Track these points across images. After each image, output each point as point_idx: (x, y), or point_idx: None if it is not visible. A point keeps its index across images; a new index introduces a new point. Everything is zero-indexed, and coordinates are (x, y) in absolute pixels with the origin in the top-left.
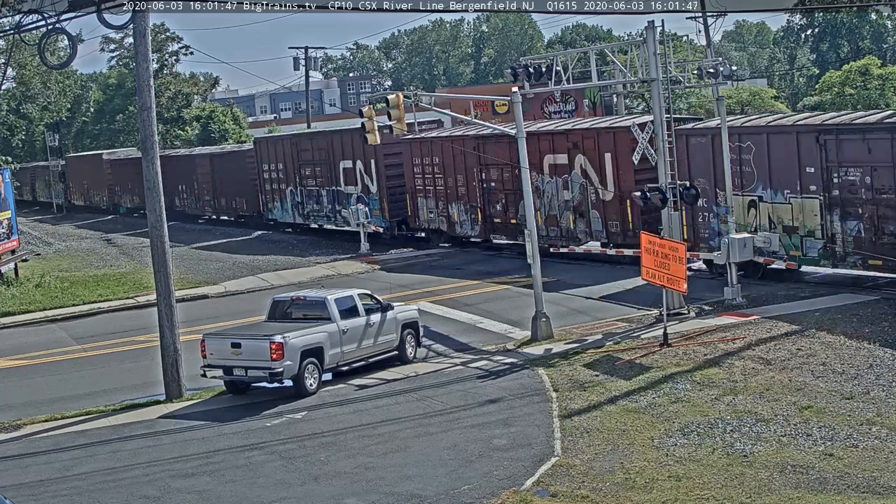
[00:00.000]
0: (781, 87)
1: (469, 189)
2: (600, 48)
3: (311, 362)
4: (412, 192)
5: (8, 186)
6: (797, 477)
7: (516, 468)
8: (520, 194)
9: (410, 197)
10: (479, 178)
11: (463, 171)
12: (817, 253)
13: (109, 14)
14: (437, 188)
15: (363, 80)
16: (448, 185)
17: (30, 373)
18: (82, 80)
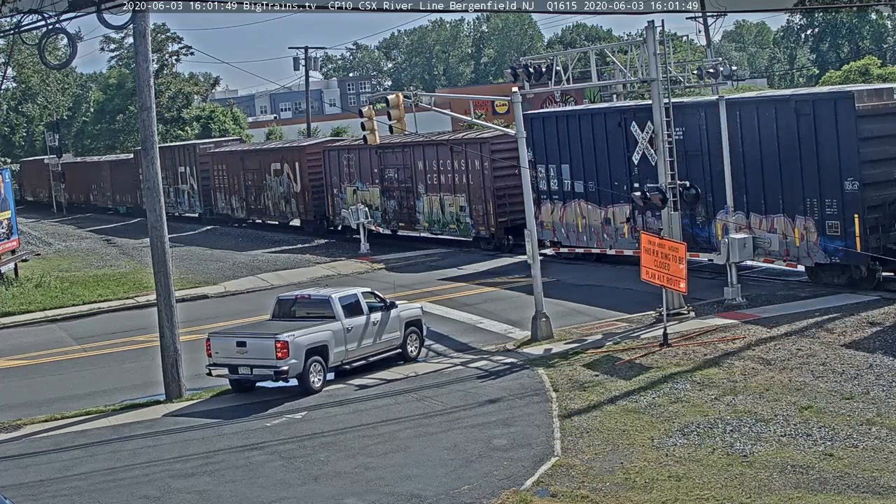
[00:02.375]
0: (781, 87)
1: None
2: (600, 48)
3: (316, 360)
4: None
5: (8, 186)
6: (797, 477)
7: (516, 468)
8: (414, 192)
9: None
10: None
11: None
12: (379, 220)
13: (109, 14)
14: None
15: (363, 80)
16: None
17: (30, 373)
18: (82, 80)
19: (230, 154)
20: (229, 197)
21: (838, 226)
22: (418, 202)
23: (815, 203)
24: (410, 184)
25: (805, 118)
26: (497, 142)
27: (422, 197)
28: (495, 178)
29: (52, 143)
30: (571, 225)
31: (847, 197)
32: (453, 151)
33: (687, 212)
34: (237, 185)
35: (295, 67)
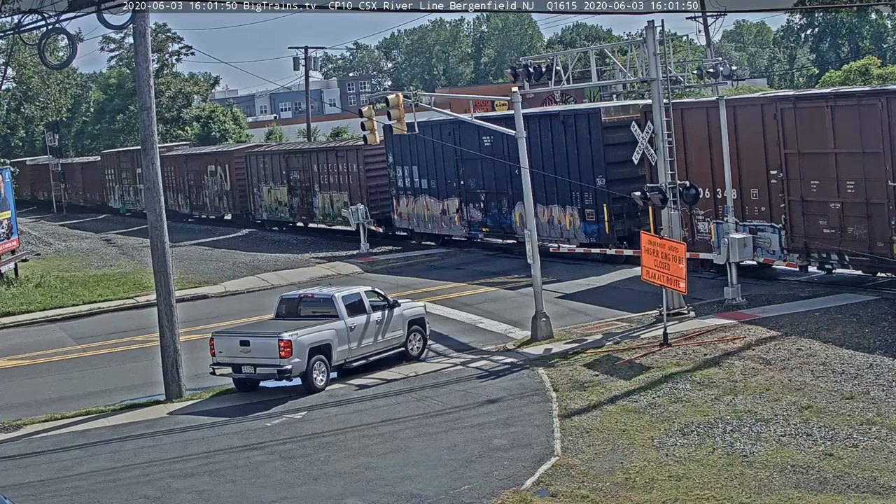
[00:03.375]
0: (781, 86)
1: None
2: (600, 48)
3: (320, 359)
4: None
5: (8, 186)
6: (797, 477)
7: (516, 468)
8: (312, 191)
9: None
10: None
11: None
12: (287, 214)
13: (109, 14)
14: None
15: (363, 80)
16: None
17: (30, 373)
18: (82, 80)
19: (177, 157)
20: (176, 195)
21: (593, 214)
22: (314, 199)
23: (577, 196)
24: (309, 183)
25: (570, 129)
26: (369, 149)
27: (317, 194)
28: (368, 178)
29: (52, 143)
30: (421, 215)
31: (598, 191)
32: (338, 157)
33: (494, 203)
34: (182, 184)
35: (295, 67)
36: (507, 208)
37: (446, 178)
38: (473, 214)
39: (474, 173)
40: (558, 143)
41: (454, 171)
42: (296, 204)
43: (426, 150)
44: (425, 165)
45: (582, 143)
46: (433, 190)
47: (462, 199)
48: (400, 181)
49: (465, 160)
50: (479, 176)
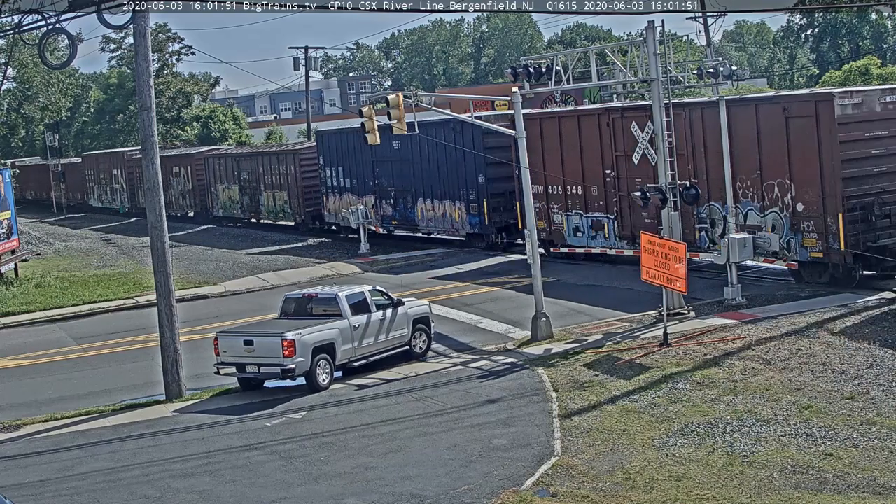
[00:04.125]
0: (781, 86)
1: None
2: (600, 48)
3: (323, 358)
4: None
5: (8, 186)
6: (797, 477)
7: (516, 468)
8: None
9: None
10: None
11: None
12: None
13: (109, 14)
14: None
15: (363, 80)
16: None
17: (30, 373)
18: (82, 80)
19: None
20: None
21: (477, 207)
22: (261, 197)
23: (464, 192)
24: (256, 184)
25: (458, 135)
26: (304, 153)
27: (263, 193)
28: (303, 179)
29: (52, 143)
30: (355, 214)
31: (480, 188)
32: (279, 159)
33: (402, 200)
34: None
35: (295, 67)
36: (412, 204)
37: (364, 177)
38: (385, 209)
39: (386, 173)
40: (450, 147)
41: (371, 172)
42: (245, 202)
43: (349, 153)
44: (349, 167)
45: (467, 147)
46: (355, 188)
47: (376, 196)
48: (328, 181)
49: (378, 162)
50: (390, 176)
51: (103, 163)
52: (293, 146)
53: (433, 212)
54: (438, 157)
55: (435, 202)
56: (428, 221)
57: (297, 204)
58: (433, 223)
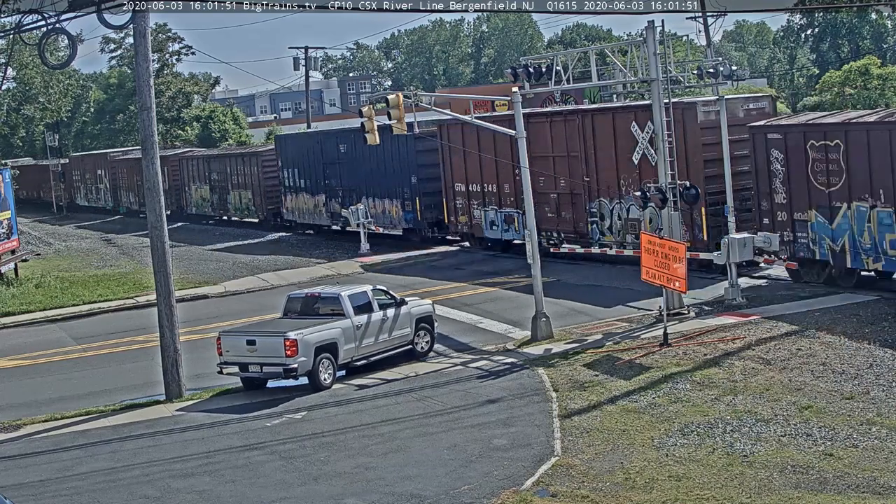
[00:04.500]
0: (781, 87)
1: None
2: (600, 48)
3: (326, 358)
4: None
5: (8, 186)
6: (797, 477)
7: (516, 468)
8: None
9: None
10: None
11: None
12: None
13: (109, 14)
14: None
15: (363, 80)
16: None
17: (30, 373)
18: (82, 80)
19: (128, 160)
20: (128, 193)
21: (411, 205)
22: (229, 196)
23: (400, 191)
24: (225, 183)
25: (394, 139)
26: (266, 155)
27: (230, 192)
28: (265, 179)
29: (52, 143)
30: (301, 209)
31: (413, 187)
32: (244, 161)
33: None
34: (133, 184)
35: (295, 67)
36: (356, 201)
37: (317, 178)
38: (334, 207)
39: (335, 174)
40: (388, 151)
41: (322, 173)
42: (215, 200)
43: (304, 155)
44: (303, 168)
45: (402, 150)
46: (308, 188)
47: (327, 195)
48: (286, 181)
49: (328, 164)
50: (339, 177)
51: (88, 164)
52: (256, 149)
53: (375, 209)
54: (379, 159)
55: (376, 200)
56: (374, 218)
57: (260, 202)
58: (377, 219)
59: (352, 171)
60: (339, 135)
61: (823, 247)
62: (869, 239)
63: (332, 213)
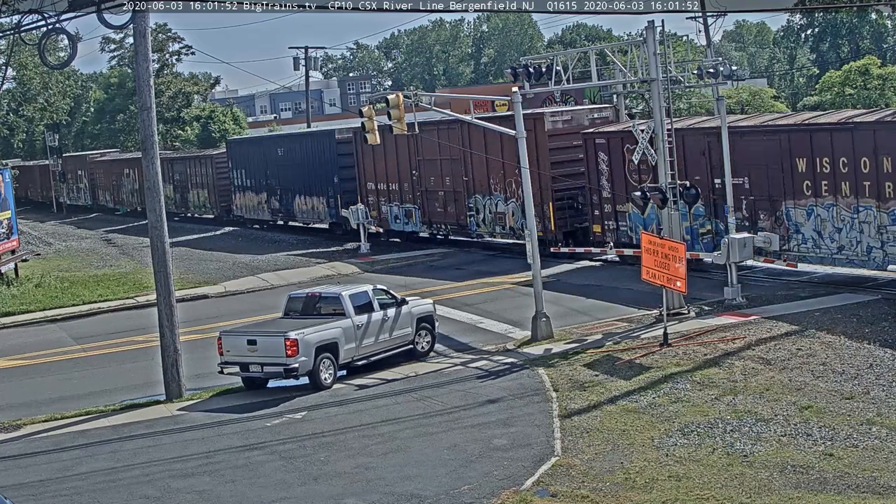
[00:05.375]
0: (781, 87)
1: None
2: (600, 48)
3: (326, 357)
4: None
5: (8, 186)
6: (797, 477)
7: (516, 468)
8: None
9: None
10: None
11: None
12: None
13: (109, 14)
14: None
15: (363, 80)
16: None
17: (30, 373)
18: (82, 80)
19: (105, 162)
20: (105, 192)
21: (333, 201)
22: (189, 195)
23: (325, 189)
24: (185, 183)
25: (318, 143)
26: (219, 157)
27: (190, 191)
28: (218, 179)
29: (52, 143)
30: (249, 206)
31: (335, 186)
32: (201, 163)
33: (285, 196)
34: (109, 184)
35: (295, 67)
36: (291, 199)
37: (260, 178)
38: (274, 204)
39: (274, 175)
40: (315, 154)
41: (264, 173)
42: (178, 198)
43: (250, 157)
44: (249, 169)
45: (325, 154)
46: (254, 187)
47: (268, 193)
48: (236, 181)
49: (269, 165)
50: (277, 177)
51: (70, 165)
52: (210, 152)
53: (305, 205)
54: (308, 162)
55: (306, 198)
56: (303, 213)
57: (215, 200)
58: (306, 215)
59: (288, 172)
60: (278, 139)
61: (638, 234)
62: (667, 227)
63: (273, 210)
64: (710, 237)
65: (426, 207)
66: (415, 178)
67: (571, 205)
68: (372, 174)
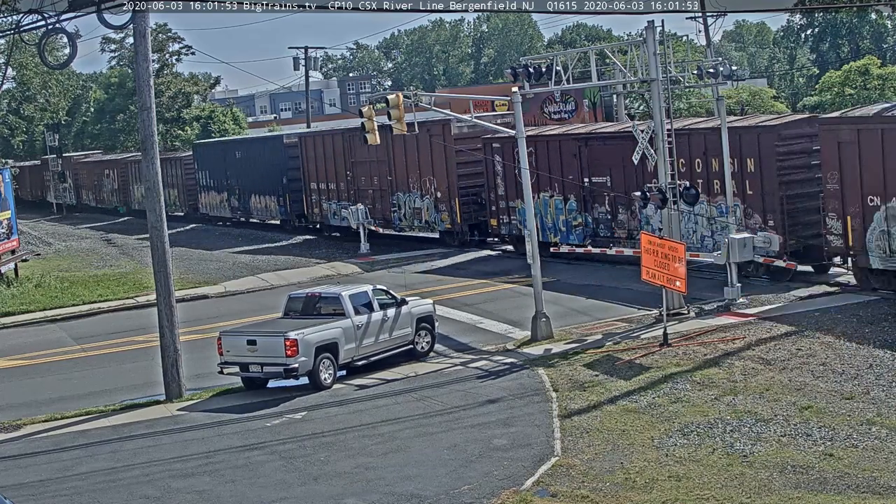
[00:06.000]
0: (781, 87)
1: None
2: (600, 48)
3: (326, 357)
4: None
5: (8, 186)
6: (797, 477)
7: (516, 468)
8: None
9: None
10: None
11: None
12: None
13: (109, 14)
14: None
15: (363, 80)
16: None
17: (30, 373)
18: (82, 80)
19: (87, 163)
20: (88, 192)
21: (283, 200)
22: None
23: (276, 189)
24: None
25: (269, 147)
26: (186, 159)
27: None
28: (186, 179)
29: (52, 143)
30: (213, 204)
31: (284, 186)
32: (171, 164)
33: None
34: (91, 184)
35: (295, 67)
36: (248, 198)
37: (221, 179)
38: (234, 203)
39: (234, 175)
40: (267, 157)
41: (225, 174)
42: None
43: (213, 160)
44: (212, 171)
45: (276, 156)
46: (217, 186)
47: (228, 192)
48: (201, 181)
49: (229, 167)
50: (236, 177)
51: (55, 166)
52: (179, 154)
53: (260, 204)
54: (261, 164)
55: (261, 197)
56: (258, 211)
57: (183, 198)
58: (261, 212)
59: (244, 174)
60: (236, 144)
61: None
62: (551, 219)
63: (233, 208)
64: (582, 228)
65: (364, 205)
66: (349, 178)
67: (476, 200)
68: (314, 175)
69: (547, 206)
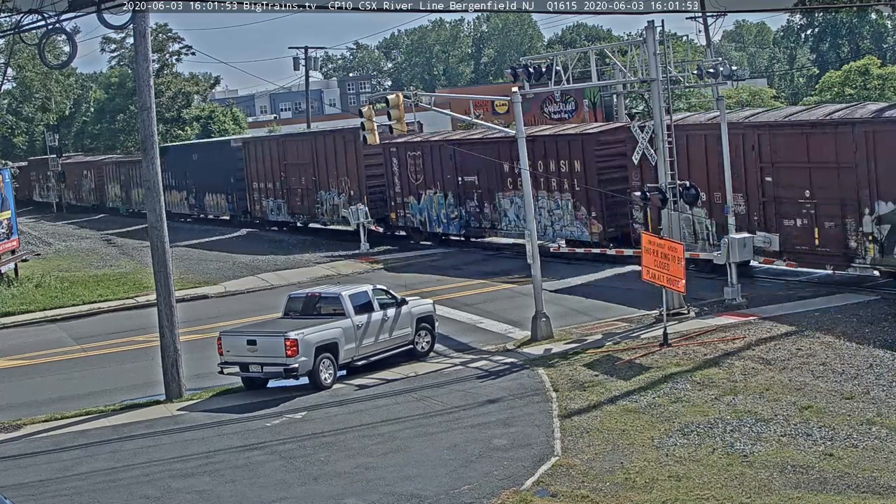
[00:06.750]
0: (781, 87)
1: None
2: (600, 48)
3: (326, 357)
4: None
5: (8, 186)
6: (797, 477)
7: (516, 468)
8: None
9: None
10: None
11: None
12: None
13: (109, 14)
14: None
15: (363, 80)
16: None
17: (30, 373)
18: (82, 80)
19: (70, 164)
20: (72, 191)
21: (232, 198)
22: (131, 193)
23: (225, 187)
24: (129, 183)
25: (221, 149)
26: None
27: (132, 190)
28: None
29: (52, 143)
30: (175, 202)
31: (232, 185)
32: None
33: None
34: (75, 185)
35: (295, 67)
36: (203, 196)
37: (181, 179)
38: (191, 201)
39: (192, 176)
40: (218, 158)
41: (184, 175)
42: (124, 196)
43: (176, 161)
44: (175, 171)
45: (225, 159)
46: (178, 186)
47: (187, 191)
48: (166, 181)
49: (188, 167)
50: (194, 177)
51: (41, 166)
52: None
53: (212, 202)
54: (213, 165)
55: (213, 195)
56: (211, 207)
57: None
58: (213, 209)
59: (200, 174)
60: (193, 147)
61: (416, 219)
62: (434, 213)
63: (191, 205)
64: (458, 220)
65: (290, 201)
66: (282, 178)
67: (381, 197)
68: (255, 175)
69: (431, 202)
